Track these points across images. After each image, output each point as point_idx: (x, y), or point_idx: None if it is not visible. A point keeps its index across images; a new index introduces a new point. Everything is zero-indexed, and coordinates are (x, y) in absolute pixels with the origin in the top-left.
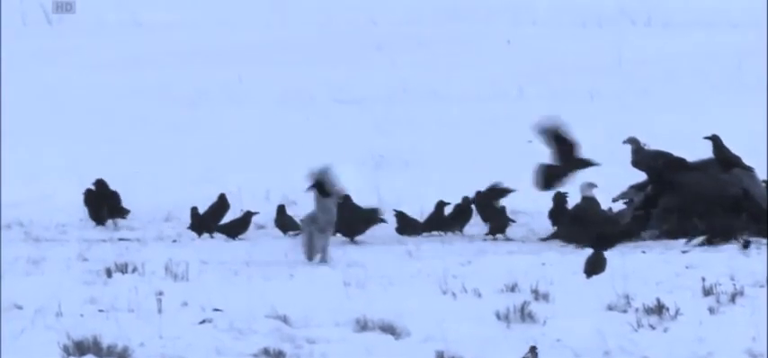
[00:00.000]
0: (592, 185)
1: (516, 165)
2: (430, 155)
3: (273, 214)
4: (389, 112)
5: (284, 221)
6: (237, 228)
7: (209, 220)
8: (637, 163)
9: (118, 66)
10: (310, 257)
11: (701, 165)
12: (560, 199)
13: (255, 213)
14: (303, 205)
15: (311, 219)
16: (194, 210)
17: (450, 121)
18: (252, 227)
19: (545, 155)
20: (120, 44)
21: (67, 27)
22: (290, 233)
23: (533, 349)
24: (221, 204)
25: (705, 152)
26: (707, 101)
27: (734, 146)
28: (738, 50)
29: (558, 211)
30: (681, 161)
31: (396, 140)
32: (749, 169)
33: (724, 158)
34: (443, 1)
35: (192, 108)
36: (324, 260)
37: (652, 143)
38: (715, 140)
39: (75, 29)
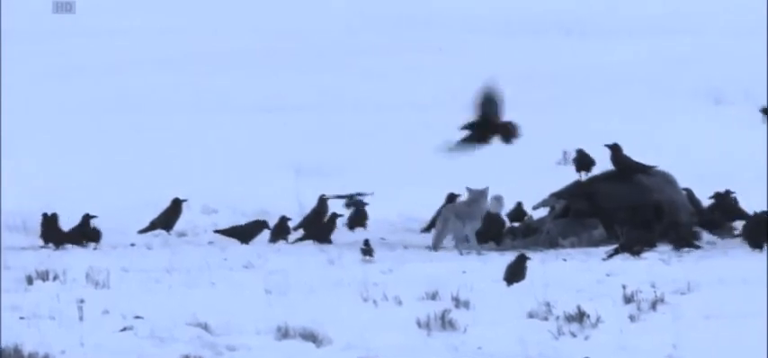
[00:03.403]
0: (500, 200)
1: (445, 173)
2: (352, 163)
3: (198, 222)
4: (316, 121)
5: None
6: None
7: (164, 225)
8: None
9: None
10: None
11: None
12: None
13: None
14: (223, 213)
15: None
16: (45, 216)
17: (381, 129)
18: (173, 234)
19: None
20: (58, 53)
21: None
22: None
23: None
24: (175, 208)
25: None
26: (643, 110)
27: (669, 154)
28: (675, 58)
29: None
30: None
31: (321, 149)
32: (663, 173)
33: (624, 166)
34: (374, 10)
35: (118, 116)
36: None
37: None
38: (614, 148)
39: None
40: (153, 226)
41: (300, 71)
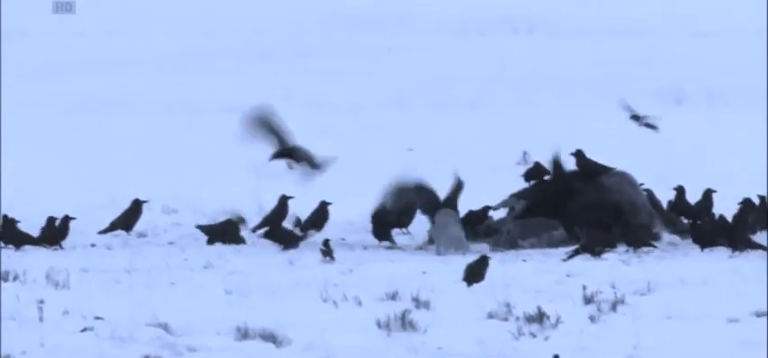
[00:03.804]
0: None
1: (397, 172)
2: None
3: (158, 222)
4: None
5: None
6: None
7: (124, 225)
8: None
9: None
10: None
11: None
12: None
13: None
14: (184, 214)
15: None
16: (5, 217)
17: (332, 130)
18: (133, 235)
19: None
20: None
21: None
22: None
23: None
24: (135, 209)
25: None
26: (591, 110)
27: (630, 154)
28: (624, 59)
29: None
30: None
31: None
32: (623, 174)
33: (589, 170)
34: (326, 10)
35: (79, 116)
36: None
37: (535, 152)
38: (578, 155)
39: None
40: (113, 226)
41: (255, 72)
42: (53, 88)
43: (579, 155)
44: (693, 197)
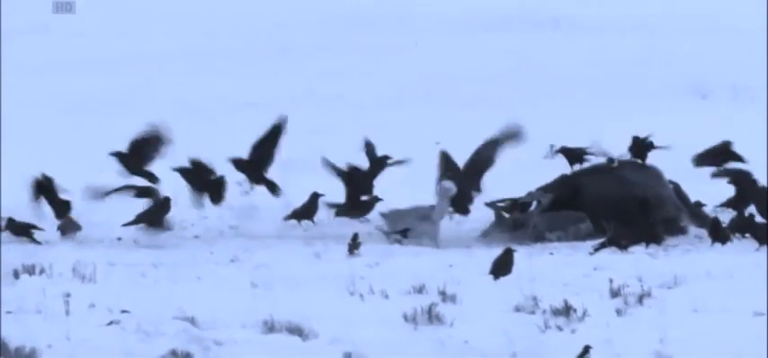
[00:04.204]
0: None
1: (425, 168)
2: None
3: (182, 216)
4: (295, 118)
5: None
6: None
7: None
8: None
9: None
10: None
11: (609, 168)
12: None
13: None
14: (210, 208)
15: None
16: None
17: (357, 125)
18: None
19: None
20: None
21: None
22: None
23: (587, 348)
24: (164, 206)
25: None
26: (630, 104)
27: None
28: (649, 54)
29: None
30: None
31: (304, 145)
32: (649, 168)
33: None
34: (349, 6)
35: (98, 112)
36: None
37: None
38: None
39: None
40: (139, 220)
41: (276, 68)
42: (82, 83)
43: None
44: (720, 191)
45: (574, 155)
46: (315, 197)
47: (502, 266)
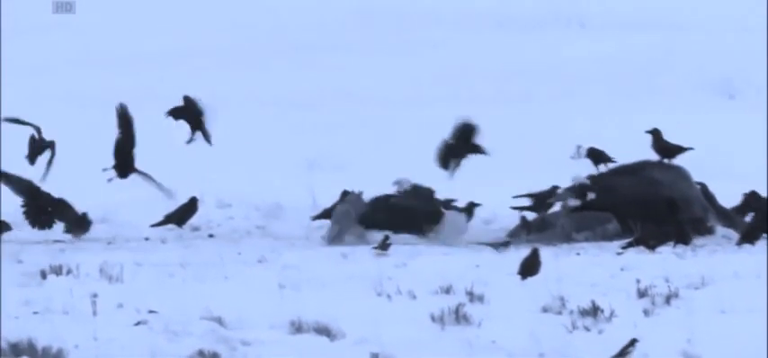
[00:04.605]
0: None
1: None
2: (365, 157)
3: (212, 216)
4: (327, 116)
5: None
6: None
7: (178, 220)
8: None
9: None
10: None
11: (636, 168)
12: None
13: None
14: (238, 208)
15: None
16: None
17: (388, 123)
18: (186, 228)
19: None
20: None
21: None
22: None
23: (633, 341)
24: (191, 206)
25: (638, 154)
26: (657, 104)
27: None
28: (688, 53)
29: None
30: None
31: (333, 143)
32: (676, 168)
33: (664, 148)
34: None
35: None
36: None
37: (587, 146)
38: (655, 134)
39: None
40: (167, 220)
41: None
42: (106, 81)
43: (656, 134)
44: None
45: (599, 156)
46: (344, 196)
47: (529, 267)
